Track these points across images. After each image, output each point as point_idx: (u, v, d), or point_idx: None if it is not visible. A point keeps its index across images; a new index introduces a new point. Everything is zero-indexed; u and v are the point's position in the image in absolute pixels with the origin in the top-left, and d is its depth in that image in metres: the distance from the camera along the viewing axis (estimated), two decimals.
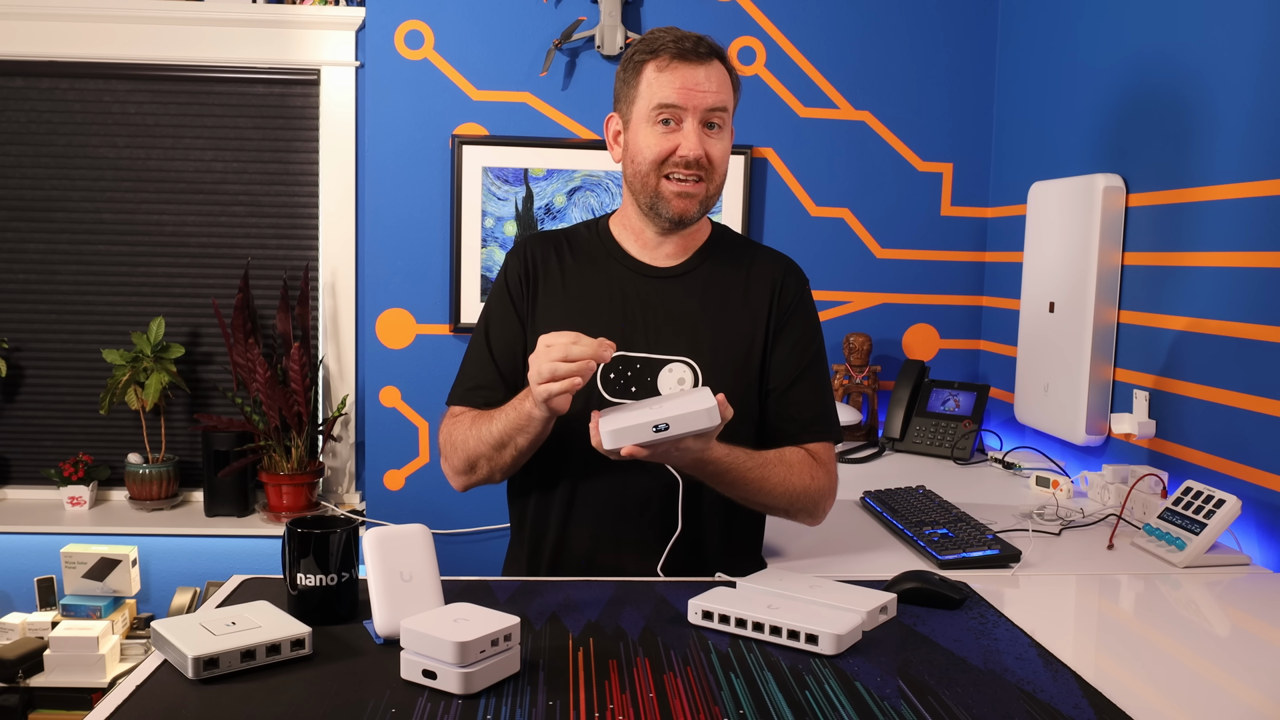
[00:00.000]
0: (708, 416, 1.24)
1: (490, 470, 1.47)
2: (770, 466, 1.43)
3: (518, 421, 1.39)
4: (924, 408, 2.51)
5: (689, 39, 1.44)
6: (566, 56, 2.68)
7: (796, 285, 1.56)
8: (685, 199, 1.46)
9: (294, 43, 2.76)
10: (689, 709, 0.99)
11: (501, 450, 1.42)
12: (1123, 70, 2.14)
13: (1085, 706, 1.01)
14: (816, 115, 2.74)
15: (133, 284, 2.86)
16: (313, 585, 1.16)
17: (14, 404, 2.89)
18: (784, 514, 1.50)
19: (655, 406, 1.29)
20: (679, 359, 1.47)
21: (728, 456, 1.37)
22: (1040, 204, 2.33)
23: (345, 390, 2.88)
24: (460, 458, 1.47)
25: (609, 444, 1.25)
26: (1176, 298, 1.93)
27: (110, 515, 2.80)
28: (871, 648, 1.14)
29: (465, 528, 2.75)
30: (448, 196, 2.70)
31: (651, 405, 1.31)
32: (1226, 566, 1.60)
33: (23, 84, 2.78)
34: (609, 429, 1.24)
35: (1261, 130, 1.72)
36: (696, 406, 1.24)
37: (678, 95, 1.42)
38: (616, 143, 1.53)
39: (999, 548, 1.57)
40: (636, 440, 1.24)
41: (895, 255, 2.78)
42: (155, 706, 0.97)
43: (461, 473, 1.49)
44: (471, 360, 1.55)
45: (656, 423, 1.23)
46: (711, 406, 1.24)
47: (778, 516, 1.52)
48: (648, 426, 1.23)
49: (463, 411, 1.51)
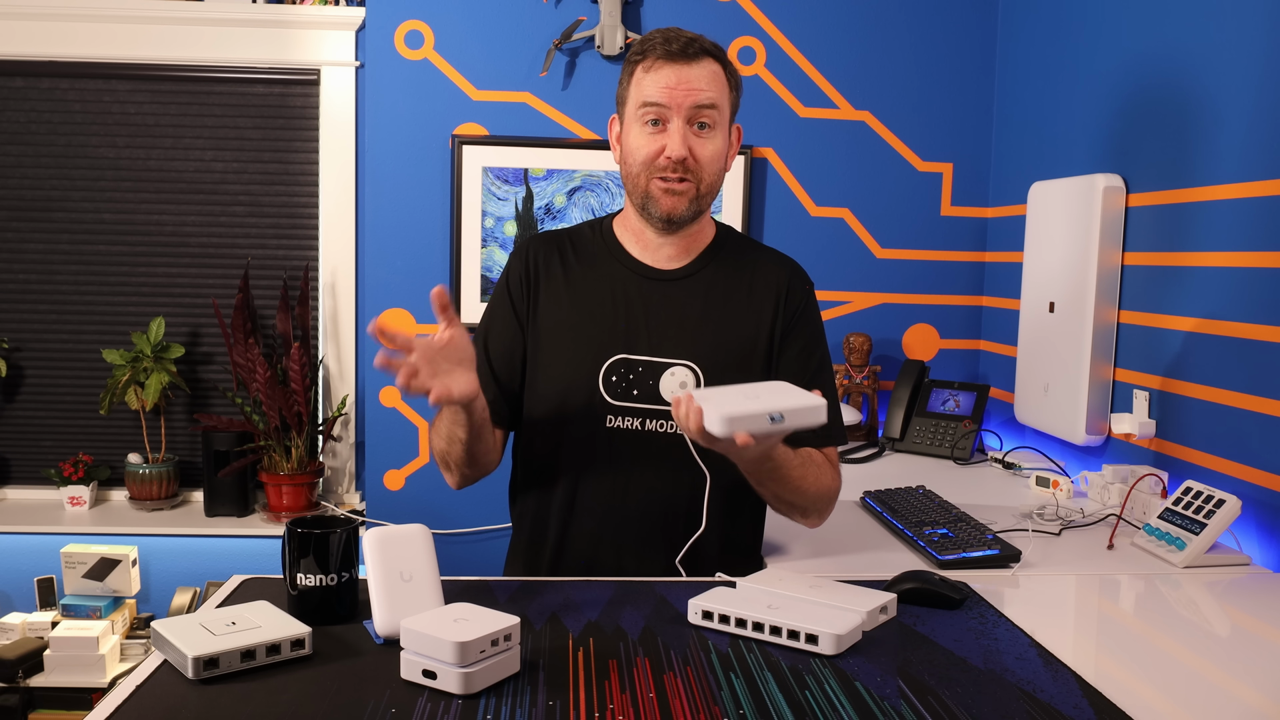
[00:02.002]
0: (816, 414, 1.23)
1: (458, 465, 1.48)
2: (807, 466, 1.44)
3: (447, 414, 1.42)
4: (924, 408, 2.51)
5: (679, 39, 1.43)
6: (566, 56, 2.68)
7: (801, 289, 1.55)
8: (673, 196, 1.45)
9: (294, 43, 2.76)
10: (689, 709, 0.99)
11: (453, 444, 1.44)
12: (1123, 70, 2.14)
13: (1085, 706, 1.01)
14: (816, 115, 2.74)
15: (133, 284, 2.86)
16: (313, 585, 1.16)
17: (14, 404, 2.89)
18: (800, 513, 1.49)
19: (755, 397, 1.25)
20: (681, 362, 1.47)
21: (783, 454, 1.37)
22: (1040, 204, 2.33)
23: (345, 390, 2.88)
24: (437, 454, 1.51)
25: (721, 429, 1.20)
26: (1177, 298, 1.93)
27: (110, 515, 2.80)
28: (871, 648, 1.14)
29: (465, 528, 2.75)
30: (448, 196, 2.70)
31: (747, 394, 1.26)
32: (1226, 566, 1.60)
33: (23, 84, 2.78)
34: (723, 414, 1.20)
35: (1262, 130, 1.72)
36: (809, 402, 1.23)
37: (661, 94, 1.42)
38: (617, 144, 1.53)
39: (999, 548, 1.57)
40: (752, 429, 1.20)
41: (895, 255, 2.78)
42: (155, 706, 0.97)
43: (443, 471, 1.52)
44: None
45: (773, 413, 1.20)
46: (822, 404, 1.23)
47: (791, 515, 1.50)
48: (764, 417, 1.20)
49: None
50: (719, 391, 1.27)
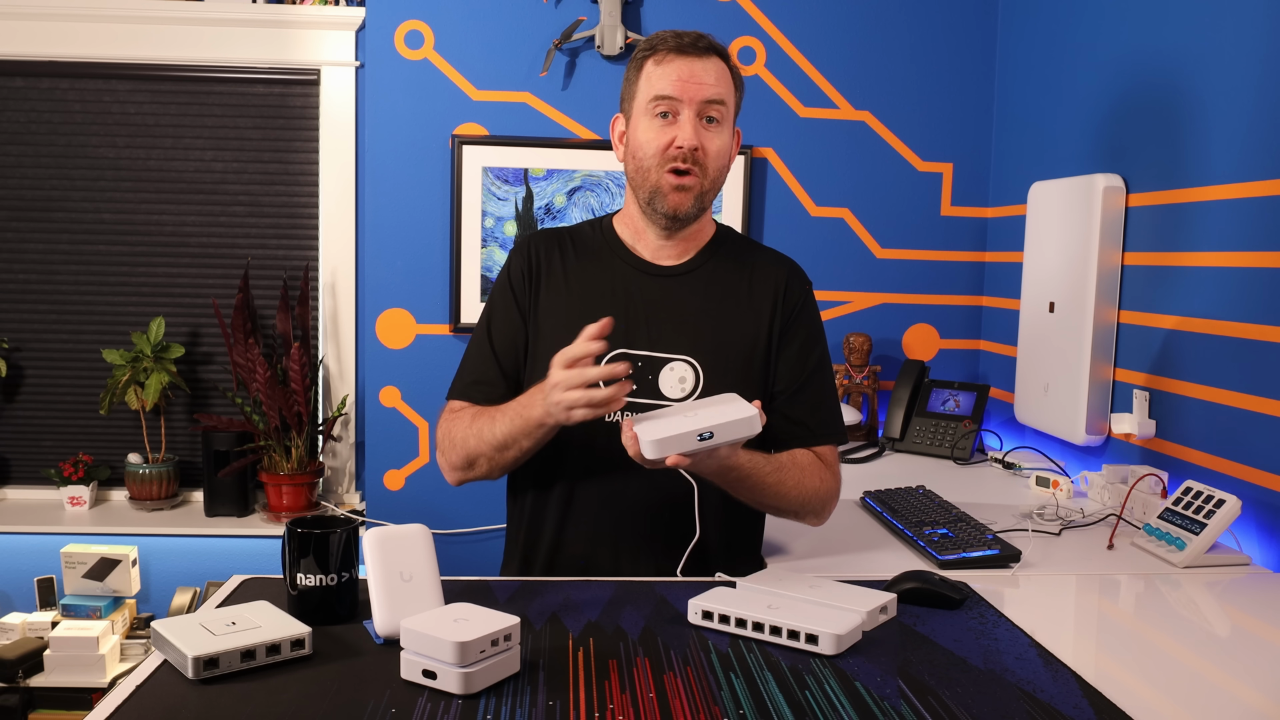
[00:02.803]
0: (749, 425, 1.23)
1: (490, 468, 1.47)
2: (785, 470, 1.44)
3: (524, 427, 1.39)
4: (924, 408, 2.51)
5: (688, 35, 1.46)
6: (566, 56, 2.68)
7: (800, 288, 1.56)
8: (681, 192, 1.45)
9: (294, 43, 2.76)
10: (689, 709, 0.99)
11: (504, 451, 1.43)
12: (1123, 70, 2.14)
13: (1085, 706, 1.01)
14: (816, 115, 2.73)
15: (133, 284, 2.86)
16: (313, 585, 1.16)
17: (14, 404, 2.89)
18: (793, 516, 1.50)
19: (691, 414, 1.26)
20: (680, 357, 1.47)
21: (749, 462, 1.38)
22: (1040, 204, 2.33)
23: (345, 390, 2.88)
24: (459, 454, 1.47)
25: (652, 454, 1.22)
26: (1177, 298, 1.93)
27: (110, 515, 2.80)
28: (871, 648, 1.14)
29: (465, 528, 2.75)
30: (448, 196, 2.70)
31: (685, 413, 1.28)
32: (1226, 566, 1.60)
33: (23, 84, 2.78)
34: (652, 438, 1.22)
35: (1262, 130, 1.72)
36: (738, 415, 1.23)
37: (674, 87, 1.43)
38: (621, 142, 1.53)
39: (999, 548, 1.57)
40: (681, 450, 1.22)
41: (895, 255, 2.78)
42: (155, 706, 0.97)
43: (459, 468, 1.49)
44: (472, 355, 1.55)
45: (701, 431, 1.21)
46: (753, 415, 1.23)
47: (784, 517, 1.52)
48: (692, 436, 1.21)
49: (463, 407, 1.51)
50: (657, 415, 1.29)
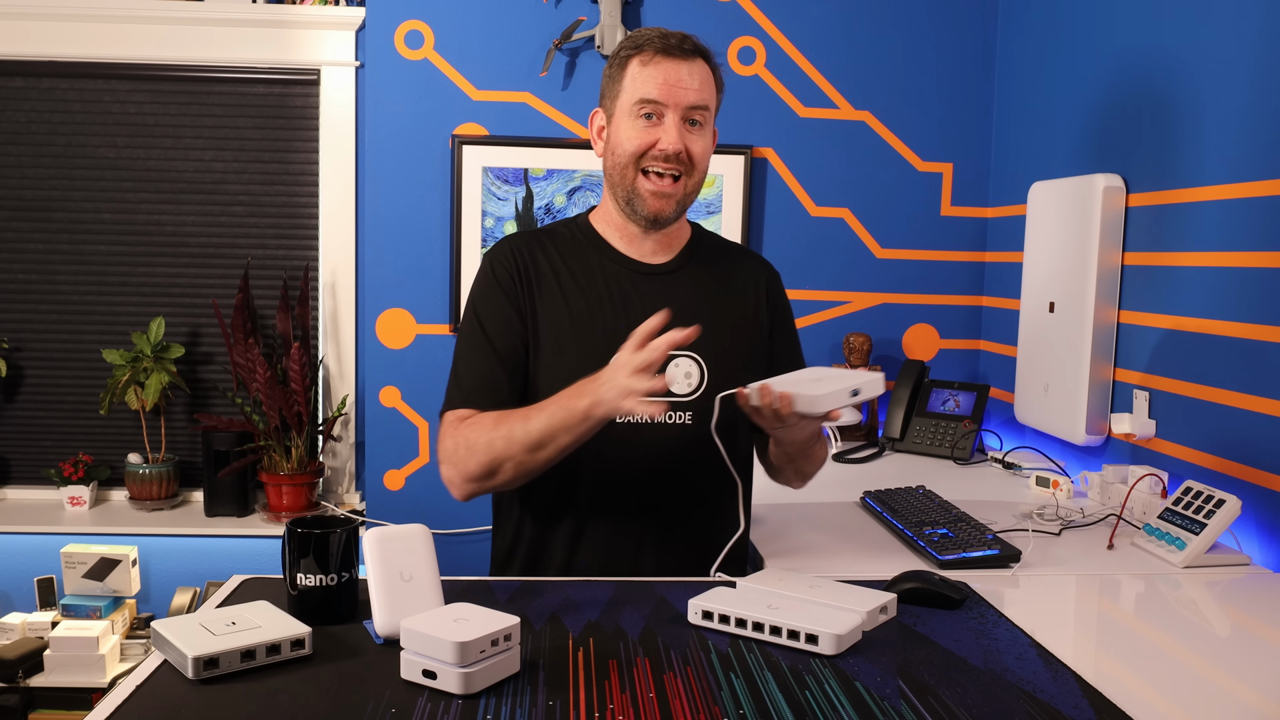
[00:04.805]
0: (880, 384, 1.38)
1: (515, 474, 1.39)
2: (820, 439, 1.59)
3: (566, 421, 1.31)
4: (924, 408, 2.51)
5: (674, 36, 1.45)
6: (566, 56, 2.68)
7: (778, 284, 1.64)
8: (661, 199, 1.46)
9: (294, 43, 2.76)
10: (689, 709, 0.99)
11: (538, 451, 1.35)
12: (1122, 70, 2.14)
13: (1085, 706, 1.01)
14: (816, 115, 2.73)
15: (133, 284, 2.86)
16: (313, 585, 1.16)
17: (14, 404, 2.89)
18: (804, 479, 1.63)
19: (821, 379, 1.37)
20: (685, 353, 1.49)
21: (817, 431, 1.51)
22: (1040, 204, 2.33)
23: (345, 390, 2.88)
24: (479, 461, 1.39)
25: (811, 408, 1.31)
26: (1176, 298, 1.93)
27: (110, 515, 2.80)
28: (871, 648, 1.14)
29: (465, 528, 2.75)
30: (448, 196, 2.70)
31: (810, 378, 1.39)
32: (1226, 566, 1.60)
33: (23, 84, 2.78)
34: (810, 394, 1.31)
35: (1262, 130, 1.72)
36: (872, 377, 1.38)
37: (660, 91, 1.43)
38: (600, 137, 1.53)
39: (999, 548, 1.57)
40: (838, 404, 1.32)
41: (895, 255, 2.78)
42: (155, 706, 0.97)
43: (476, 478, 1.41)
44: (471, 361, 1.49)
45: (854, 388, 1.34)
46: (882, 376, 1.39)
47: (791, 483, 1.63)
48: (846, 392, 1.33)
49: (471, 414, 1.44)
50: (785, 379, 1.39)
